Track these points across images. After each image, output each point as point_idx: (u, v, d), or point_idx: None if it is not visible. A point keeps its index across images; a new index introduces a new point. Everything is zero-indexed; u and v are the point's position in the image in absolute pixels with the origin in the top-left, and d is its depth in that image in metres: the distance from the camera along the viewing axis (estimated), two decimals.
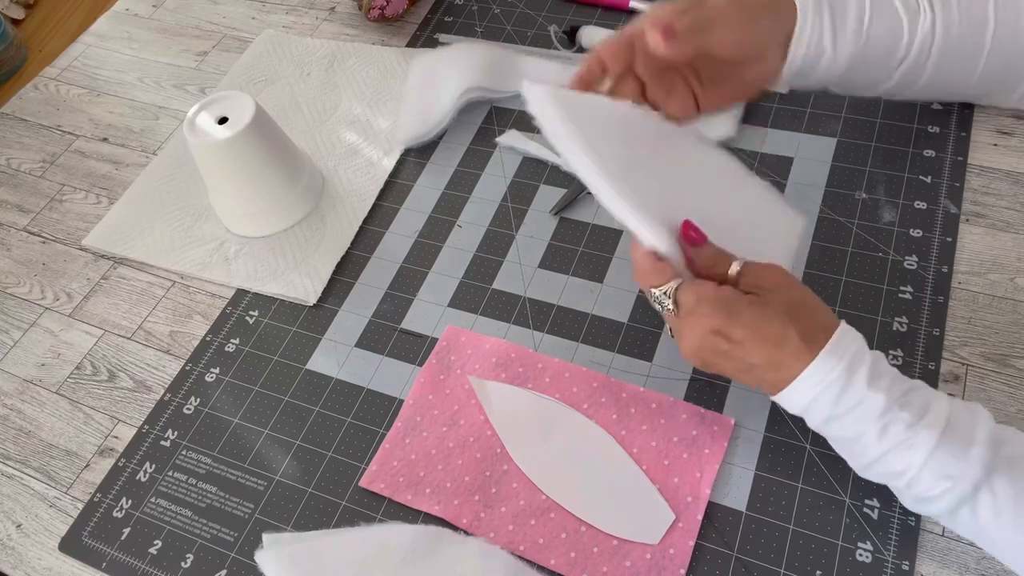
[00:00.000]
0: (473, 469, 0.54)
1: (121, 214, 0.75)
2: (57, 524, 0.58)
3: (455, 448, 0.55)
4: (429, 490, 0.54)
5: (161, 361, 0.65)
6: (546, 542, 0.51)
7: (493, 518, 0.52)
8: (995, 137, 0.66)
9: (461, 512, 0.53)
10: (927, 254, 0.60)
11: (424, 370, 0.60)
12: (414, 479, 0.55)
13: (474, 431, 0.56)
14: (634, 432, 0.55)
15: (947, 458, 0.43)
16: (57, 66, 0.92)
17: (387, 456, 0.56)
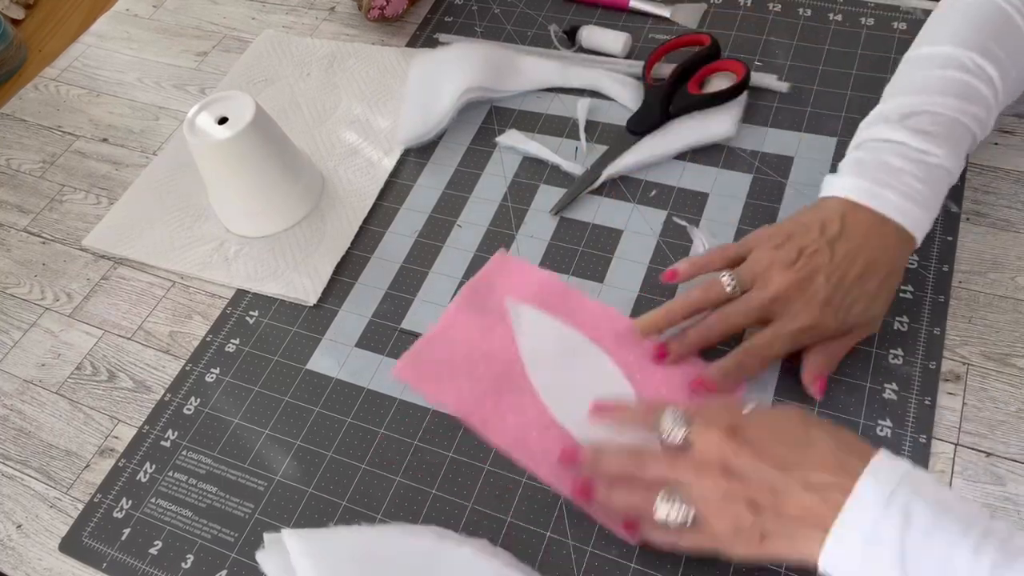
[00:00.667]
0: (491, 380, 0.58)
1: (121, 214, 0.75)
2: (57, 524, 0.58)
3: (480, 359, 0.60)
4: (449, 388, 0.59)
5: (161, 361, 0.65)
6: (542, 454, 0.55)
7: (499, 423, 0.57)
8: (996, 136, 0.66)
9: (472, 411, 0.57)
10: (928, 253, 0.60)
11: (467, 287, 0.64)
12: (438, 377, 0.59)
13: (501, 348, 0.60)
14: (648, 378, 0.57)
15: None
16: (57, 66, 0.92)
17: (418, 355, 0.61)
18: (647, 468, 0.47)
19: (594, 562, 0.51)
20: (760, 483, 0.42)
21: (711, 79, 0.73)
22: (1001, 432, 0.52)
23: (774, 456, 0.43)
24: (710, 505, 0.44)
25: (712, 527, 0.44)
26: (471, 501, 0.54)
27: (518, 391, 0.58)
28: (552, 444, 0.55)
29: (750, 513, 0.42)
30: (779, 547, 0.42)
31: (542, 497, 0.54)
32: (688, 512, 0.44)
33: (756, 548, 0.43)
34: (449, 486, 0.55)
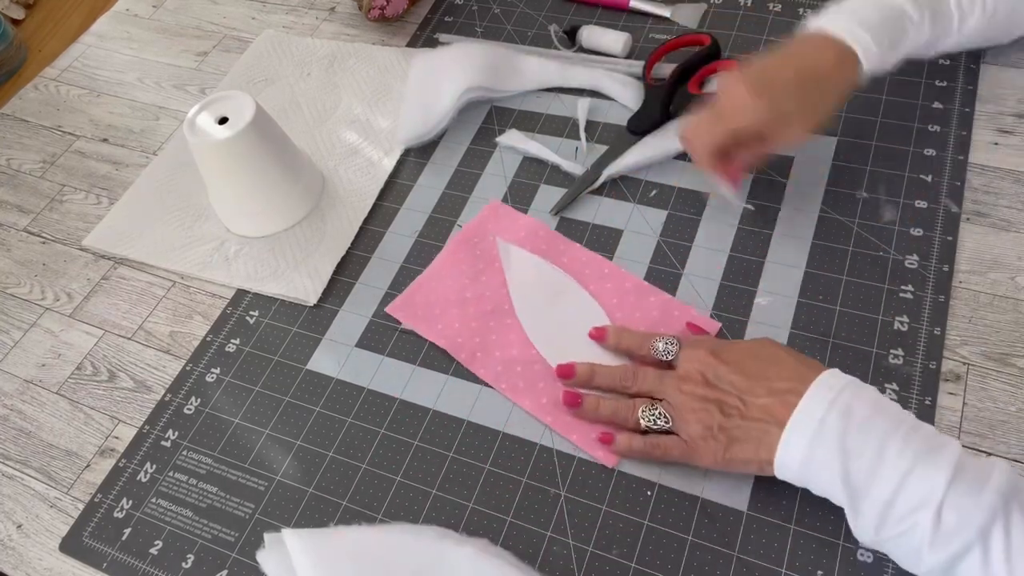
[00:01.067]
0: (481, 318, 0.62)
1: (121, 214, 0.75)
2: (58, 524, 0.58)
3: (470, 299, 0.63)
4: (440, 326, 0.62)
5: (161, 361, 0.65)
6: (525, 386, 0.58)
7: (487, 358, 0.60)
8: (996, 136, 0.66)
9: (462, 348, 0.61)
10: (928, 253, 0.60)
11: (460, 232, 0.67)
12: (430, 316, 0.63)
13: (490, 289, 0.63)
14: (628, 317, 0.60)
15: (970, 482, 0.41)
16: (57, 66, 0.92)
17: (412, 294, 0.64)
18: (637, 381, 0.54)
19: (594, 562, 0.51)
20: (731, 390, 0.50)
21: (711, 79, 0.73)
22: (1001, 432, 0.52)
23: (746, 369, 0.50)
24: (687, 408, 0.51)
25: (686, 430, 0.51)
26: (471, 501, 0.54)
27: (505, 329, 0.61)
28: (535, 377, 0.58)
29: (721, 415, 0.49)
30: (744, 451, 0.48)
31: (542, 497, 0.54)
32: (666, 420, 0.52)
33: (723, 452, 0.49)
34: (450, 486, 0.55)
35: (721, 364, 0.51)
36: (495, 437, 0.57)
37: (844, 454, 0.44)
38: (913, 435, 0.44)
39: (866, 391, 0.46)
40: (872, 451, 0.43)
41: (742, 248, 0.63)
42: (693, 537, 0.51)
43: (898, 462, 0.43)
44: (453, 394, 0.59)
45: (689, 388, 0.51)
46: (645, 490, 0.53)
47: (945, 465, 0.42)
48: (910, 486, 0.42)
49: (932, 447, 0.43)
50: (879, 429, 0.44)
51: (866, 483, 0.44)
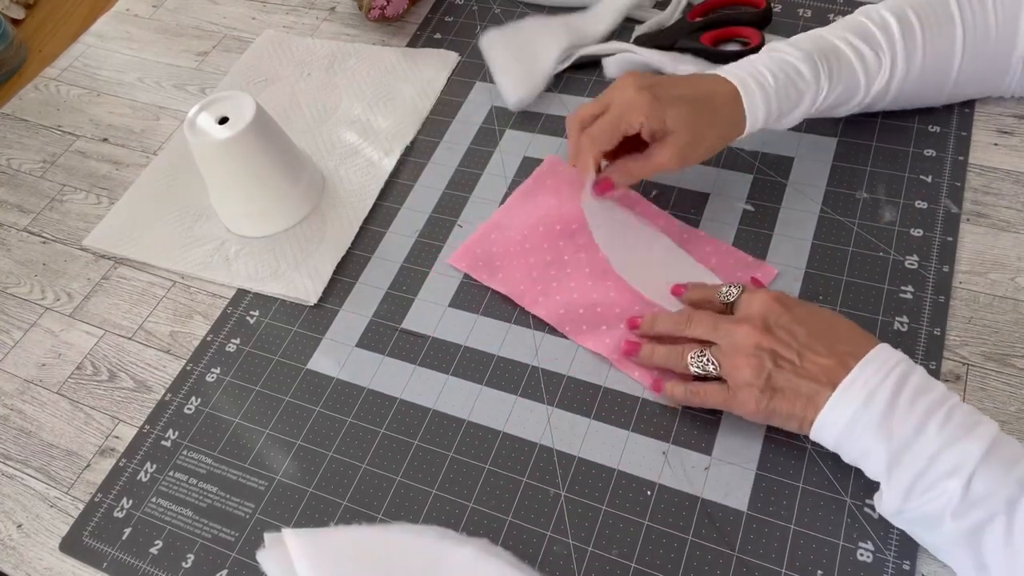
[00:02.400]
0: (541, 267, 0.63)
1: (121, 214, 0.75)
2: (58, 524, 0.58)
3: (530, 249, 0.64)
4: (501, 275, 0.64)
5: (162, 361, 0.65)
6: (588, 328, 0.60)
7: (548, 302, 0.62)
8: (996, 136, 0.66)
9: (524, 294, 0.62)
10: (928, 254, 0.60)
11: (522, 186, 0.69)
12: (491, 266, 0.65)
13: (548, 240, 0.64)
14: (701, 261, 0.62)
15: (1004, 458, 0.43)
16: (57, 66, 0.92)
17: (472, 246, 0.66)
18: (692, 325, 0.53)
19: (594, 562, 0.51)
20: (791, 342, 0.49)
21: (729, 42, 0.75)
22: None
23: (810, 324, 0.49)
24: (739, 353, 0.50)
25: (734, 375, 0.50)
26: (472, 501, 0.54)
27: (565, 277, 0.63)
28: (598, 320, 0.60)
29: (773, 365, 0.49)
30: (789, 406, 0.48)
31: (543, 497, 0.54)
32: (715, 366, 0.51)
33: (766, 403, 0.49)
34: (450, 486, 0.55)
35: (785, 312, 0.50)
36: (495, 437, 0.57)
37: (889, 424, 0.45)
38: (955, 411, 0.45)
39: (918, 369, 0.47)
40: (915, 423, 0.44)
41: (742, 248, 0.63)
42: (693, 537, 0.51)
43: (938, 435, 0.44)
44: (453, 394, 0.59)
45: (745, 331, 0.50)
46: (645, 490, 0.53)
47: (981, 439, 0.43)
48: (945, 456, 0.43)
49: (972, 423, 0.44)
50: (925, 403, 0.45)
51: (902, 452, 0.45)
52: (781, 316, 0.50)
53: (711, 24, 0.75)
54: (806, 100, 0.59)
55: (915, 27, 0.59)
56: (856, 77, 0.60)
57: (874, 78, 0.60)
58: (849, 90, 0.60)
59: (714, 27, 0.75)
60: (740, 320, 0.51)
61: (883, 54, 0.59)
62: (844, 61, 0.59)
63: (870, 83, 0.60)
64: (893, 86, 0.61)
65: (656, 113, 0.56)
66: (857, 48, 0.59)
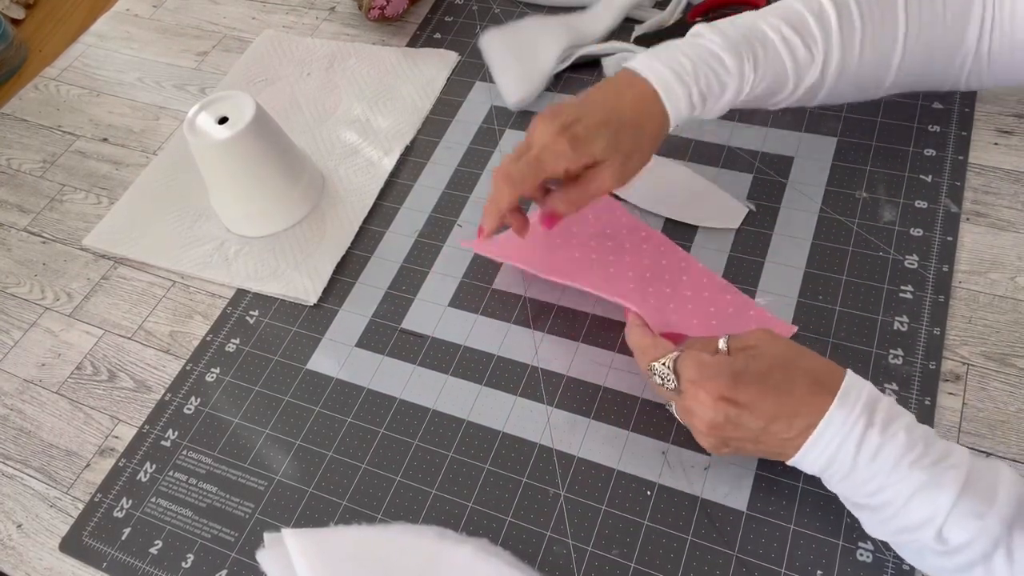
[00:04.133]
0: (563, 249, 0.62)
1: (121, 214, 0.75)
2: (57, 524, 0.58)
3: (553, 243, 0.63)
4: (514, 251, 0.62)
5: (161, 361, 0.65)
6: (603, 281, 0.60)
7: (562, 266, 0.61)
8: (995, 136, 0.66)
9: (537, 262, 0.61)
10: (928, 253, 0.60)
11: None
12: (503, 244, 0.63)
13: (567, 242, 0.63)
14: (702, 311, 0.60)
15: (975, 501, 0.41)
16: (57, 66, 0.92)
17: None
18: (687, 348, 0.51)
19: (594, 562, 0.51)
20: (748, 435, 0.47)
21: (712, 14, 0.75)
22: (1001, 432, 0.52)
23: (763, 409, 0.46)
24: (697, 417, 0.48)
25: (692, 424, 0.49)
26: (471, 501, 0.54)
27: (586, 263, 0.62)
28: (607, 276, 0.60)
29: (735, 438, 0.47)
30: (749, 452, 0.49)
31: (542, 497, 0.54)
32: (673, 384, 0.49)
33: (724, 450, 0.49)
34: (449, 486, 0.55)
35: (733, 407, 0.46)
36: (495, 437, 0.57)
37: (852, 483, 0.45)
38: (922, 459, 0.43)
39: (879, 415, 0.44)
40: (880, 479, 0.43)
41: (742, 248, 0.63)
42: (693, 537, 0.51)
43: (901, 487, 0.43)
44: (453, 394, 0.59)
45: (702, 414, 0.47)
46: (645, 490, 0.53)
47: (949, 486, 0.41)
48: (913, 508, 0.42)
49: (939, 470, 0.42)
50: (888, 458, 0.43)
51: (871, 503, 0.45)
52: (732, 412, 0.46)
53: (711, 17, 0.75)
54: (730, 90, 0.56)
55: (855, 20, 0.56)
56: (784, 69, 0.57)
57: (804, 72, 0.57)
58: (777, 82, 0.57)
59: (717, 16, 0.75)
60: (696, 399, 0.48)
61: (816, 49, 0.57)
62: (771, 51, 0.56)
63: (800, 76, 0.57)
64: (827, 82, 0.58)
65: (579, 155, 0.54)
66: (788, 39, 0.56)
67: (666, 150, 0.70)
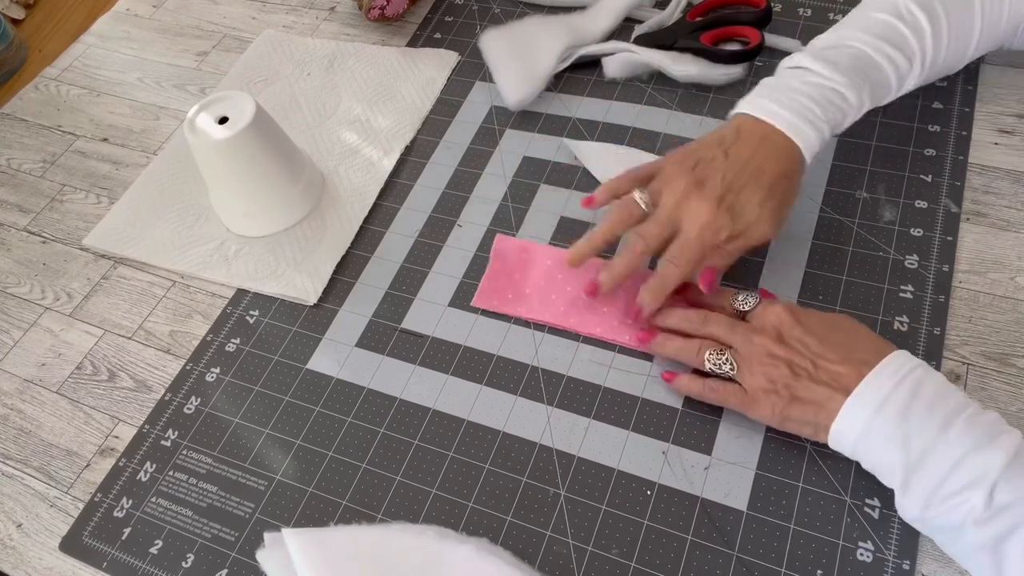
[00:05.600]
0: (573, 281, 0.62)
1: (121, 214, 0.75)
2: (58, 524, 0.58)
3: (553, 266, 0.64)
4: (536, 303, 0.62)
5: (161, 361, 0.65)
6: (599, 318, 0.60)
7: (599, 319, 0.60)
8: (996, 136, 0.66)
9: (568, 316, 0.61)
10: (928, 253, 0.60)
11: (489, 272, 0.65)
12: (521, 295, 0.63)
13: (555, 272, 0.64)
14: None
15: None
16: (57, 66, 0.92)
17: (494, 280, 0.64)
18: (709, 325, 0.54)
19: (594, 561, 0.51)
20: (805, 352, 0.49)
21: (729, 42, 0.75)
22: None
23: (822, 335, 0.49)
24: (755, 360, 0.50)
25: (750, 380, 0.51)
26: (471, 500, 0.54)
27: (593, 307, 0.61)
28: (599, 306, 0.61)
29: (790, 372, 0.49)
30: (804, 412, 0.48)
31: (542, 497, 0.54)
32: (731, 367, 0.52)
33: (781, 408, 0.49)
34: (450, 485, 0.55)
35: (798, 324, 0.50)
36: (495, 437, 0.57)
37: (905, 430, 0.44)
38: (977, 419, 0.44)
39: (936, 374, 0.47)
40: (934, 430, 0.44)
41: None
42: (693, 536, 0.51)
43: (958, 443, 0.43)
44: (453, 394, 0.59)
45: (761, 341, 0.51)
46: (645, 489, 0.53)
47: (1004, 448, 0.42)
48: (965, 465, 0.43)
49: (993, 432, 0.43)
50: (943, 410, 0.44)
51: (921, 460, 0.44)
52: (794, 328, 0.50)
53: (711, 24, 0.75)
54: (848, 120, 0.58)
55: (942, 20, 0.59)
56: (890, 85, 0.59)
57: (904, 80, 0.60)
58: (882, 97, 0.60)
59: (714, 27, 0.75)
60: (757, 330, 0.52)
61: (915, 59, 0.59)
62: (881, 75, 0.58)
63: (901, 86, 0.60)
64: (919, 81, 0.61)
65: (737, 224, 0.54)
66: (892, 58, 0.58)
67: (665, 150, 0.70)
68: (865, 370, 0.47)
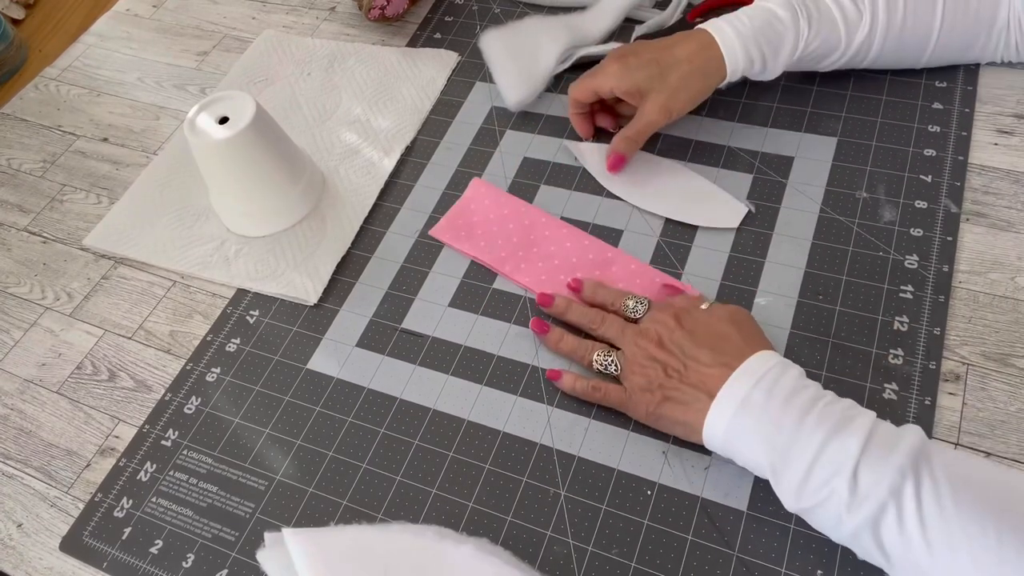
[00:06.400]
0: (521, 233, 0.66)
1: (121, 214, 0.75)
2: (58, 524, 0.58)
3: (509, 215, 0.67)
4: (483, 243, 0.66)
5: (162, 361, 0.65)
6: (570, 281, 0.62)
7: (530, 268, 0.64)
8: (995, 136, 0.66)
9: (505, 262, 0.65)
10: (928, 253, 0.60)
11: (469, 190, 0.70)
12: (471, 237, 0.67)
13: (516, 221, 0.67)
14: None
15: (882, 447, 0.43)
16: (57, 66, 0.92)
17: (454, 218, 0.69)
18: (604, 327, 0.58)
19: (594, 561, 0.51)
20: (679, 355, 0.52)
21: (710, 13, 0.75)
22: (1001, 432, 0.53)
23: (698, 338, 0.52)
24: (635, 361, 0.54)
25: (630, 380, 0.54)
26: (472, 500, 0.54)
27: (544, 241, 0.65)
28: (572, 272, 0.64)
29: (663, 374, 0.52)
30: (674, 411, 0.51)
31: (543, 497, 0.54)
32: (616, 368, 0.55)
33: (654, 407, 0.52)
34: (450, 485, 0.55)
35: (678, 328, 0.53)
36: (495, 436, 0.57)
37: (765, 428, 0.46)
38: (830, 409, 0.46)
39: (791, 370, 0.49)
40: (791, 425, 0.46)
41: (742, 248, 0.63)
42: (693, 536, 0.51)
43: (814, 434, 0.45)
44: (453, 394, 0.59)
45: (643, 344, 0.54)
46: (645, 489, 0.53)
47: (858, 432, 0.44)
48: (825, 455, 0.44)
49: (847, 418, 0.45)
50: (798, 404, 0.46)
51: (785, 456, 0.46)
52: (674, 332, 0.53)
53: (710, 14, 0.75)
54: (787, 43, 0.62)
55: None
56: (836, 27, 0.63)
57: (855, 30, 0.63)
58: (830, 41, 0.63)
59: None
60: (641, 333, 0.55)
61: (863, 5, 0.62)
62: (823, 9, 0.63)
63: (851, 35, 0.63)
64: (875, 41, 0.64)
65: (624, 79, 0.64)
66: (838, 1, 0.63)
67: (666, 150, 0.70)
68: (728, 372, 0.49)
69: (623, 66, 0.64)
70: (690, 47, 0.63)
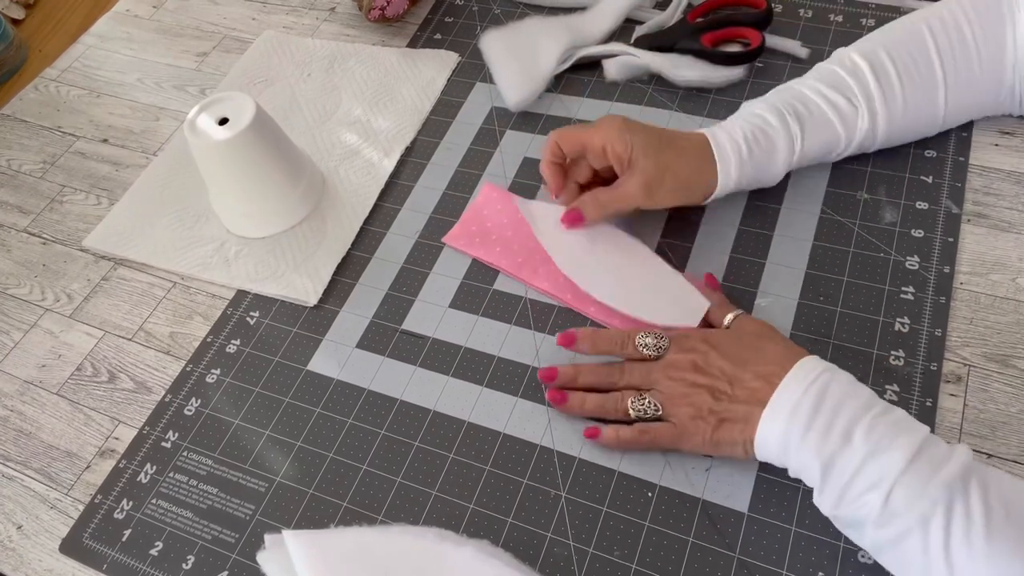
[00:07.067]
0: (527, 252, 0.64)
1: (121, 215, 0.75)
2: (58, 526, 0.58)
3: (524, 219, 0.65)
4: (499, 249, 0.65)
5: (162, 362, 0.65)
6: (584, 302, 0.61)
7: (548, 272, 0.63)
8: (996, 137, 0.66)
9: (522, 267, 0.64)
10: (929, 254, 0.60)
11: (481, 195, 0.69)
12: (487, 241, 0.66)
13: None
14: None
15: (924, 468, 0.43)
16: (57, 67, 0.92)
17: (467, 224, 0.68)
18: (626, 376, 0.55)
19: (595, 563, 0.51)
20: (722, 376, 0.51)
21: (730, 44, 0.75)
22: (1002, 433, 0.52)
23: (734, 355, 0.52)
24: (677, 394, 0.52)
25: (676, 415, 0.52)
26: (472, 502, 0.54)
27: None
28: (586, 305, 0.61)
29: (711, 398, 0.51)
30: (731, 432, 0.50)
31: (543, 498, 0.54)
32: (655, 408, 0.53)
33: (711, 433, 0.51)
34: (450, 487, 0.55)
35: (711, 350, 0.52)
36: (495, 438, 0.57)
37: (814, 436, 0.46)
38: (881, 419, 0.45)
39: (842, 376, 0.48)
40: (839, 433, 0.45)
41: (742, 249, 0.63)
42: (694, 538, 0.51)
43: (862, 445, 0.44)
44: (453, 395, 0.59)
45: (679, 375, 0.52)
46: (646, 491, 0.53)
47: (902, 449, 0.43)
48: (868, 468, 0.44)
49: (897, 432, 0.44)
50: (849, 412, 0.46)
51: (831, 463, 0.45)
52: (708, 354, 0.52)
53: (711, 25, 0.75)
54: (780, 146, 0.60)
55: (889, 71, 0.60)
56: (831, 125, 0.60)
57: (853, 125, 0.61)
58: (829, 138, 0.61)
59: (714, 28, 0.75)
60: (672, 365, 0.53)
61: (857, 100, 0.60)
62: (813, 108, 0.60)
63: (850, 130, 0.61)
64: (879, 131, 0.61)
65: (623, 141, 0.58)
66: (827, 96, 0.60)
67: None
68: (776, 381, 0.48)
69: (624, 126, 0.59)
70: (688, 142, 0.60)
